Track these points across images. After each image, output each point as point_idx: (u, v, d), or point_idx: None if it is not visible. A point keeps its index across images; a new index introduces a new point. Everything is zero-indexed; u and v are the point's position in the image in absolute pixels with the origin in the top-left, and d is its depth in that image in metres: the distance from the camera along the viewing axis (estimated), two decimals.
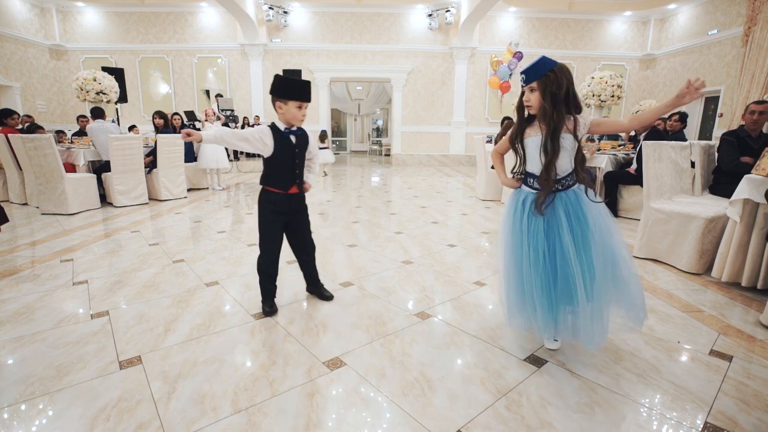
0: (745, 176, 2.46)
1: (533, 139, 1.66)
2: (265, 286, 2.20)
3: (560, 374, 1.63)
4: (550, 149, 1.59)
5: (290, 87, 1.96)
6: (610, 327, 1.64)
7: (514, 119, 1.78)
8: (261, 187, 2.13)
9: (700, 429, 1.33)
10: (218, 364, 1.69)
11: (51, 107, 11.22)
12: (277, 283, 2.25)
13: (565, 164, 1.63)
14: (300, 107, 1.98)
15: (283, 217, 2.13)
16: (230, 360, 1.73)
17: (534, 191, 1.68)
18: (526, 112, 1.68)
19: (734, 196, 2.48)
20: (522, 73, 1.62)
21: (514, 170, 1.78)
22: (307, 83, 2.01)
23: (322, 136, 9.00)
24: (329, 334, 1.97)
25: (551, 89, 1.55)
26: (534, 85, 1.59)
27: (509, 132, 1.76)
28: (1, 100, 9.83)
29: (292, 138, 2.05)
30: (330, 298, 2.36)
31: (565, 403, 1.45)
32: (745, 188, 2.43)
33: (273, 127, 2.03)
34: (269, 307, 2.18)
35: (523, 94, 1.66)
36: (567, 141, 1.60)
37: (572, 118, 1.60)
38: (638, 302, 1.63)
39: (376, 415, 1.40)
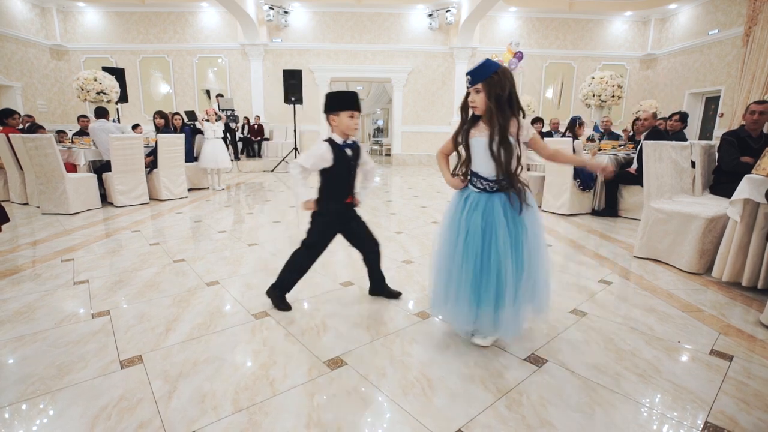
0: (746, 176, 2.46)
1: (478, 139, 1.70)
2: (291, 279, 2.28)
3: (560, 374, 1.63)
4: (502, 149, 1.62)
5: (340, 98, 2.06)
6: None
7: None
8: (317, 197, 2.14)
9: (700, 428, 1.33)
10: (219, 364, 1.70)
11: (51, 107, 11.23)
12: None
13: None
14: (352, 116, 2.04)
15: (340, 227, 2.23)
16: (231, 359, 1.73)
17: (477, 190, 1.74)
18: (470, 113, 1.72)
19: (735, 196, 2.48)
20: (467, 74, 1.66)
21: (456, 170, 1.83)
22: (355, 94, 2.09)
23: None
24: (330, 333, 1.97)
25: (496, 91, 1.59)
26: (479, 86, 1.63)
27: (453, 132, 1.80)
28: (2, 100, 9.84)
29: (348, 151, 2.11)
30: (397, 295, 2.39)
31: (566, 403, 1.45)
32: (745, 188, 2.43)
33: (330, 141, 2.07)
34: (285, 302, 2.28)
35: (468, 95, 1.69)
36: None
37: (516, 121, 1.64)
38: (544, 298, 1.77)
39: (376, 414, 1.40)
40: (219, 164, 6.50)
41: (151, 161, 5.57)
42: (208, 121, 6.42)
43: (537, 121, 6.87)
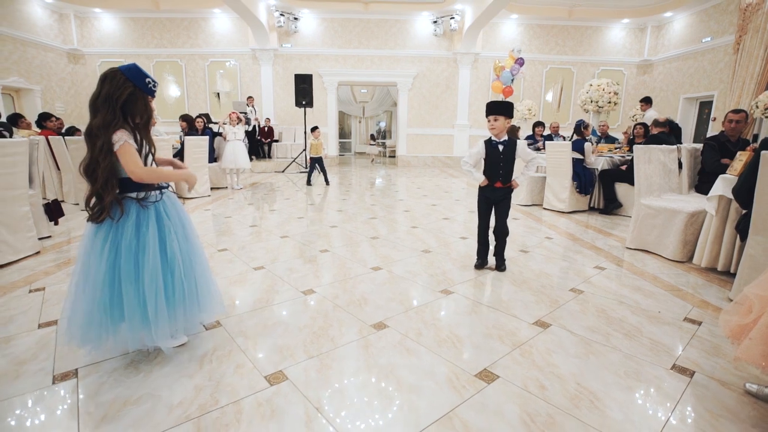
0: (720, 176, 2.86)
1: None
2: (478, 246, 3.01)
3: (562, 334, 2.03)
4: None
5: (487, 107, 2.76)
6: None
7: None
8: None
9: (670, 368, 1.73)
10: (285, 326, 2.09)
11: (68, 109, 11.61)
12: (318, 266, 2.71)
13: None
14: (488, 120, 2.74)
15: (490, 202, 2.90)
16: (294, 323, 2.12)
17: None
18: None
19: (711, 193, 2.88)
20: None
21: None
22: (492, 102, 2.74)
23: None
24: (370, 305, 2.36)
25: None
26: None
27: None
28: (23, 103, 10.23)
29: (500, 147, 2.79)
30: (501, 269, 2.97)
31: (566, 352, 1.85)
32: (720, 186, 2.83)
33: (487, 140, 2.84)
34: (479, 262, 3.00)
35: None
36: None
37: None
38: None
39: (419, 359, 1.80)
40: (239, 164, 6.89)
41: None
42: (230, 124, 6.82)
43: (538, 125, 7.25)
